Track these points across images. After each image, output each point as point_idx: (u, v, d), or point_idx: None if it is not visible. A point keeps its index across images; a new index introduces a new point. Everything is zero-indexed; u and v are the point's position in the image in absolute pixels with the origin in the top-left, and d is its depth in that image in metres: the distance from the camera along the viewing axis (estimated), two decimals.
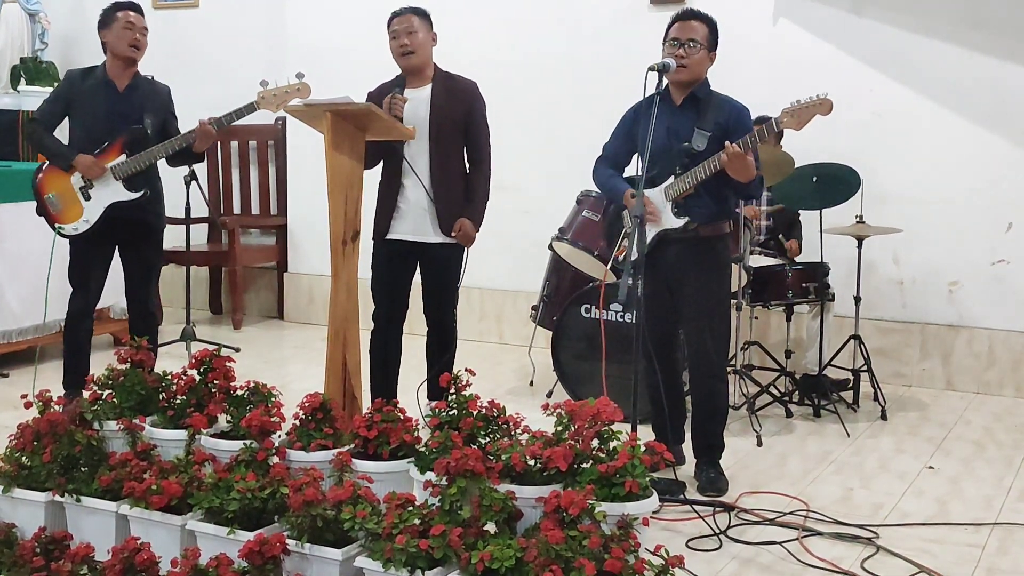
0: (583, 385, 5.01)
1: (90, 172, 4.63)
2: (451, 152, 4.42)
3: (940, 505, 3.98)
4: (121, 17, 4.71)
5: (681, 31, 3.98)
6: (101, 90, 4.72)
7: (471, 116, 4.46)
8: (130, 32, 4.69)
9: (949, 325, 5.83)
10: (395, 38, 4.39)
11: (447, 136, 4.38)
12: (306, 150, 6.79)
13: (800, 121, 3.83)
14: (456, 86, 4.46)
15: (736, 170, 3.83)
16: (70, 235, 4.71)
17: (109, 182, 4.65)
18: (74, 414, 3.51)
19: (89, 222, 4.67)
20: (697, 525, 3.66)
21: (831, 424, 4.99)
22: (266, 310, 7.79)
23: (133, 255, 4.84)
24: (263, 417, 3.36)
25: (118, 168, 4.64)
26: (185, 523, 3.12)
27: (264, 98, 4.57)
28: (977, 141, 5.69)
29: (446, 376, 3.37)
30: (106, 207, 4.66)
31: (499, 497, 2.88)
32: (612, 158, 4.22)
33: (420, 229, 4.41)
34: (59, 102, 4.82)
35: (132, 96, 4.74)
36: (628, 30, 6.22)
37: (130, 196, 4.67)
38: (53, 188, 4.71)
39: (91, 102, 4.71)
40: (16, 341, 5.83)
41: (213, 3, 7.81)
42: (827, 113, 3.81)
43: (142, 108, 4.73)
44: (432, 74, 4.45)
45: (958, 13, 5.68)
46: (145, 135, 4.69)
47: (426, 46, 4.41)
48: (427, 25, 4.43)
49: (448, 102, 4.40)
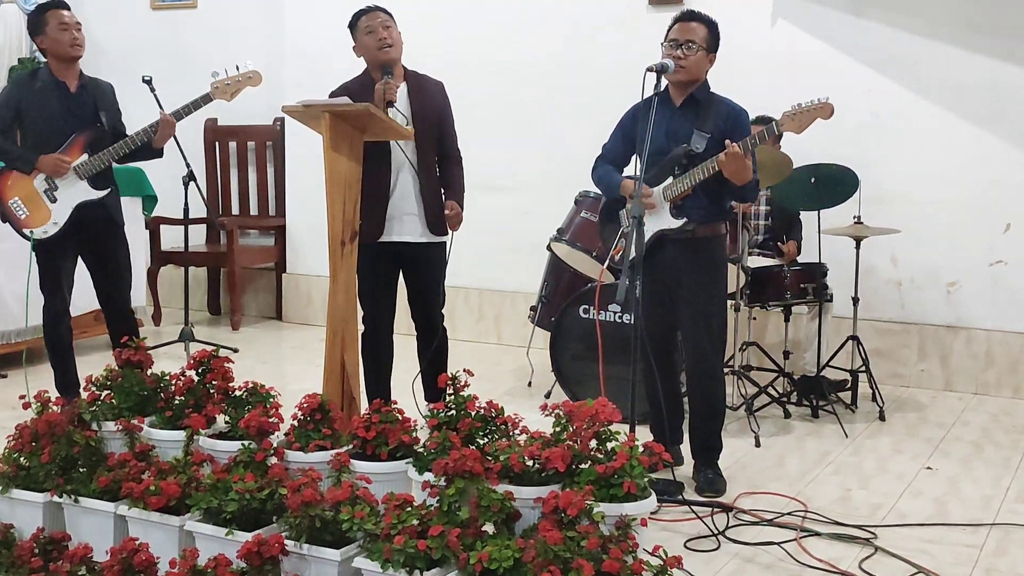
0: (581, 386, 5.01)
1: (56, 171, 4.60)
2: (430, 150, 4.46)
3: (938, 506, 3.98)
4: (52, 18, 4.66)
5: (680, 32, 3.98)
6: (53, 92, 4.68)
7: (443, 117, 4.50)
8: (67, 32, 4.66)
9: (947, 326, 5.84)
10: (371, 32, 4.38)
11: (427, 134, 4.40)
12: (304, 151, 6.79)
13: (801, 125, 3.83)
14: (428, 86, 4.50)
15: (732, 172, 3.84)
16: (40, 239, 4.66)
17: (74, 182, 4.63)
18: (72, 415, 3.51)
19: (58, 224, 4.65)
20: (695, 525, 3.66)
21: (829, 425, 4.99)
22: (264, 311, 7.79)
23: (102, 255, 4.81)
24: (261, 418, 3.36)
25: (82, 167, 4.63)
26: (183, 524, 3.12)
27: (217, 88, 4.67)
28: (975, 142, 5.69)
29: (444, 377, 3.37)
30: (74, 207, 4.64)
31: (497, 498, 2.87)
32: (610, 157, 4.23)
33: (408, 230, 4.41)
34: (9, 107, 4.71)
35: (84, 95, 4.73)
36: (626, 31, 6.23)
37: (97, 194, 4.67)
38: (16, 193, 4.66)
39: (44, 104, 4.66)
40: (15, 342, 5.82)
41: (211, 4, 7.81)
42: (828, 117, 3.81)
43: (95, 107, 4.72)
44: (404, 73, 4.47)
45: (957, 14, 5.69)
46: (103, 133, 4.68)
47: (399, 42, 4.44)
48: (395, 22, 4.46)
49: (424, 101, 4.43)
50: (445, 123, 4.51)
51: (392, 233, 4.41)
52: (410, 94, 4.41)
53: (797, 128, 3.84)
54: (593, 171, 4.27)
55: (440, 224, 4.45)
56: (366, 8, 4.46)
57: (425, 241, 4.44)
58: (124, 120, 4.88)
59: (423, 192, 4.39)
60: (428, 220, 4.41)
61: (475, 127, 4.69)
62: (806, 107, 3.80)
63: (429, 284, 4.52)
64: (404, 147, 4.37)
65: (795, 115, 3.82)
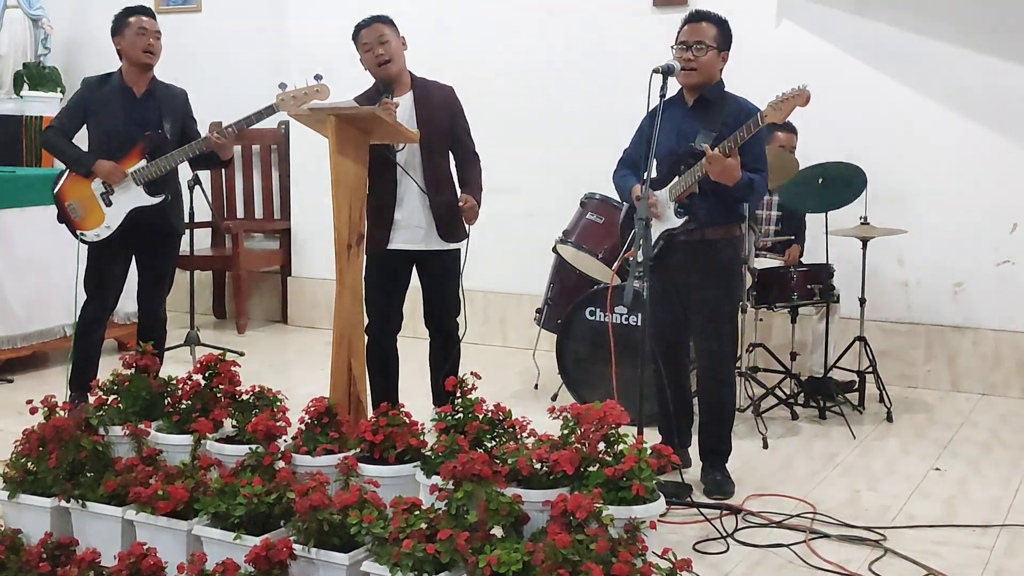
0: (588, 388, 5.01)
1: (111, 177, 4.63)
2: (441, 158, 4.43)
3: (947, 507, 3.97)
4: (133, 23, 4.70)
5: (689, 33, 3.97)
6: (119, 97, 4.71)
7: (455, 121, 4.48)
8: (143, 38, 4.69)
9: (954, 326, 5.82)
10: (368, 50, 4.36)
11: (436, 142, 4.38)
12: (309, 154, 6.80)
13: (782, 113, 3.84)
14: (436, 92, 4.46)
15: (716, 174, 3.81)
16: (92, 241, 4.70)
17: (130, 187, 4.65)
18: (79, 419, 3.51)
19: (111, 228, 4.67)
20: (704, 528, 3.65)
21: (837, 426, 4.98)
22: (270, 314, 7.79)
23: (150, 260, 4.84)
24: (269, 422, 3.36)
25: (139, 173, 4.64)
26: (191, 528, 3.11)
27: (283, 100, 4.54)
28: (982, 142, 5.68)
29: (451, 380, 3.37)
30: (127, 212, 4.66)
31: (506, 501, 2.86)
32: (628, 161, 4.22)
33: (419, 238, 4.40)
34: (77, 110, 4.80)
35: (150, 102, 4.75)
36: (631, 32, 6.22)
37: (151, 201, 4.67)
38: (74, 195, 4.71)
39: (109, 109, 4.70)
40: (20, 347, 5.82)
41: (215, 7, 7.82)
42: (805, 104, 3.81)
43: (160, 113, 4.73)
44: (410, 81, 4.44)
45: (963, 14, 5.67)
46: (165, 140, 4.69)
47: (400, 53, 4.40)
48: (395, 31, 4.42)
49: (432, 109, 4.40)
50: (457, 127, 4.48)
51: (399, 241, 4.40)
52: (416, 102, 4.39)
53: (779, 117, 3.86)
54: (613, 175, 4.27)
55: (451, 230, 4.42)
56: (364, 22, 4.42)
57: (435, 248, 4.42)
58: None
59: (431, 198, 4.37)
60: (437, 227, 4.39)
61: (480, 129, 4.68)
62: (785, 95, 3.81)
63: (440, 291, 4.50)
64: (410, 157, 4.34)
65: (776, 104, 3.83)
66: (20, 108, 7.87)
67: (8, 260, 5.70)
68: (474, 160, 4.54)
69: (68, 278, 4.87)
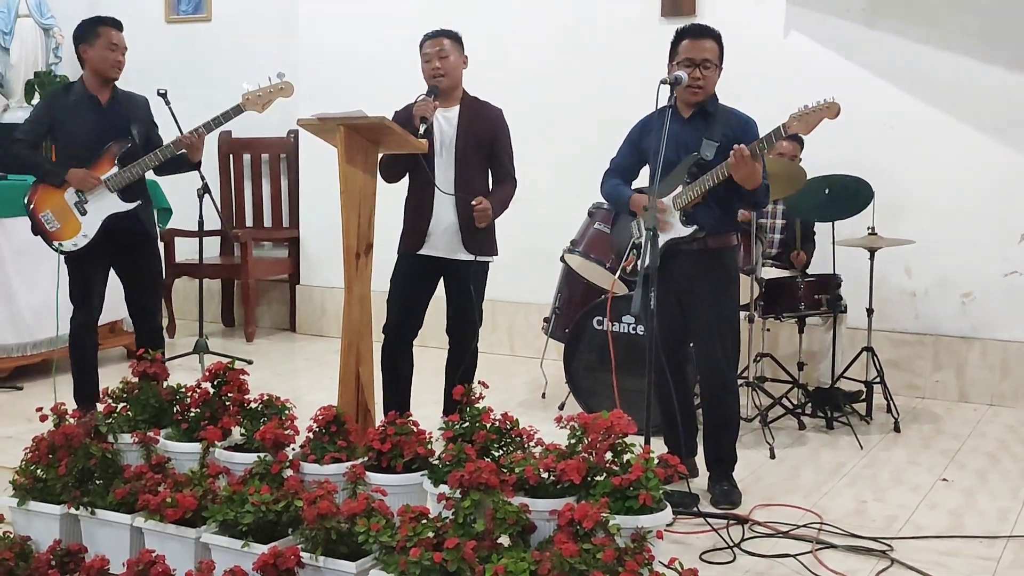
0: (595, 397, 5.01)
1: (84, 185, 4.62)
2: (476, 173, 4.44)
3: (954, 518, 3.97)
4: (104, 36, 4.69)
5: (695, 51, 3.98)
6: (85, 105, 4.71)
7: (497, 141, 4.50)
8: (113, 53, 4.70)
9: (962, 336, 5.82)
10: (427, 61, 4.41)
11: (473, 158, 4.40)
12: (318, 162, 6.81)
13: (808, 125, 3.84)
14: (483, 111, 4.49)
15: (743, 176, 3.83)
16: (69, 251, 4.69)
17: (104, 195, 4.66)
18: (89, 427, 3.53)
19: (88, 236, 4.67)
20: (711, 538, 3.65)
21: (844, 436, 4.97)
22: (278, 322, 7.81)
23: (134, 266, 4.83)
24: (277, 430, 3.38)
25: (112, 180, 4.65)
26: (199, 536, 3.13)
27: (249, 99, 4.63)
28: (989, 152, 5.68)
29: (459, 388, 3.38)
30: (103, 219, 4.67)
31: (513, 510, 2.88)
32: (620, 171, 4.24)
33: (450, 248, 4.42)
34: (42, 122, 4.76)
35: (116, 109, 4.76)
36: (639, 42, 6.23)
37: (127, 207, 4.68)
38: (47, 206, 4.69)
39: (76, 118, 4.69)
40: (31, 354, 5.85)
41: (226, 17, 7.86)
42: (834, 117, 3.81)
43: (127, 120, 4.75)
44: (461, 97, 4.48)
45: (970, 24, 5.68)
46: (134, 146, 4.71)
47: (457, 69, 4.44)
48: (458, 48, 4.47)
49: (475, 126, 4.42)
50: (497, 148, 4.49)
51: (430, 247, 4.42)
52: (460, 115, 4.42)
53: (805, 128, 3.85)
54: (602, 185, 4.28)
55: (480, 243, 4.43)
56: (431, 33, 4.47)
57: (463, 259, 4.43)
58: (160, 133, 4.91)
59: (460, 213, 4.38)
60: (466, 240, 4.40)
61: None
62: (813, 107, 3.81)
63: (462, 302, 4.48)
64: (445, 168, 4.37)
65: (802, 115, 3.82)
66: None
67: (19, 267, 5.73)
68: (509, 180, 4.55)
69: None
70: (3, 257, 5.68)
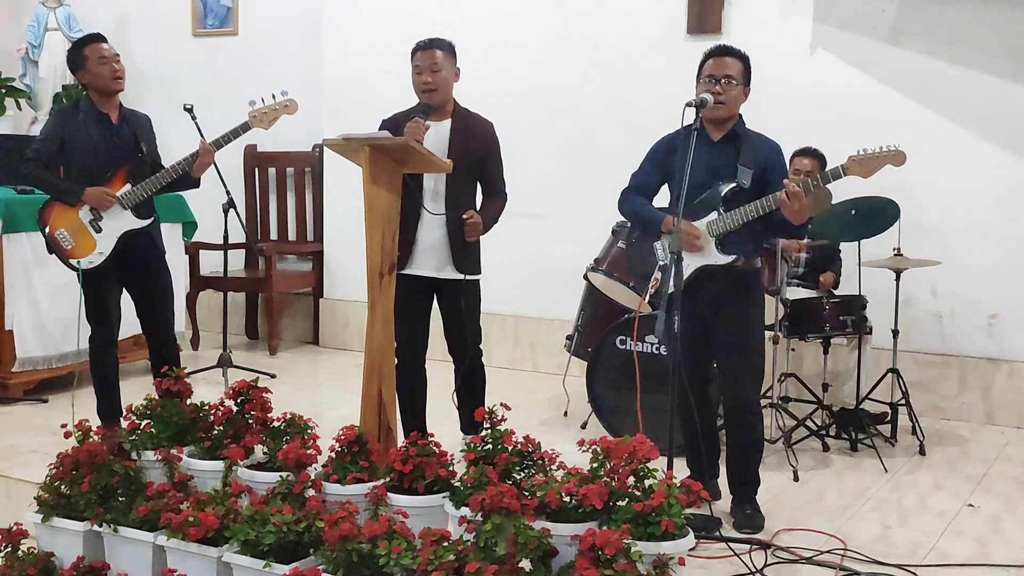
0: (618, 416, 4.99)
1: (102, 203, 4.65)
2: (466, 188, 4.43)
3: (980, 545, 3.92)
4: (91, 53, 4.71)
5: (717, 68, 3.98)
6: (95, 123, 4.72)
7: (488, 155, 4.47)
8: (107, 65, 4.71)
9: (988, 358, 5.77)
10: (419, 73, 4.37)
11: (464, 173, 4.36)
12: (343, 177, 6.82)
13: (869, 170, 3.79)
14: (475, 125, 4.46)
15: (793, 212, 3.81)
16: (86, 269, 4.71)
17: (118, 212, 4.69)
18: (113, 444, 3.55)
19: (104, 254, 4.70)
20: (733, 563, 3.63)
21: (868, 459, 4.93)
22: (302, 336, 7.83)
23: (145, 282, 4.85)
24: (299, 450, 3.39)
25: (126, 197, 4.68)
26: (221, 555, 3.14)
27: (255, 116, 4.71)
28: (1016, 172, 5.63)
29: (481, 411, 3.37)
30: (119, 236, 4.70)
31: (534, 535, 2.87)
32: (641, 189, 4.22)
33: (437, 265, 4.41)
34: (53, 139, 4.76)
35: (126, 126, 4.79)
36: (664, 60, 6.22)
37: (141, 223, 4.72)
38: (62, 224, 4.72)
39: (87, 136, 4.70)
40: (56, 367, 5.89)
41: (252, 31, 7.90)
42: (900, 165, 3.76)
43: (136, 137, 4.78)
44: (452, 110, 4.44)
45: (996, 44, 5.64)
46: (145, 163, 4.75)
47: (448, 82, 4.40)
48: (451, 60, 4.41)
49: (467, 140, 4.40)
50: (488, 162, 4.48)
51: (416, 266, 4.40)
52: (452, 130, 4.41)
53: (865, 173, 3.80)
54: (622, 203, 4.25)
55: (469, 262, 4.42)
56: (423, 43, 4.42)
57: (455, 278, 4.41)
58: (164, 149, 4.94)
59: (449, 228, 4.37)
60: (456, 259, 4.39)
61: (511, 154, 4.70)
62: (876, 153, 3.76)
63: (462, 321, 4.46)
64: (435, 184, 4.35)
65: (863, 160, 3.77)
66: None
67: (43, 281, 5.77)
68: (499, 195, 4.54)
69: None
70: (29, 270, 5.72)
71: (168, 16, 8.04)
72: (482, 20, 6.73)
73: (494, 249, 4.66)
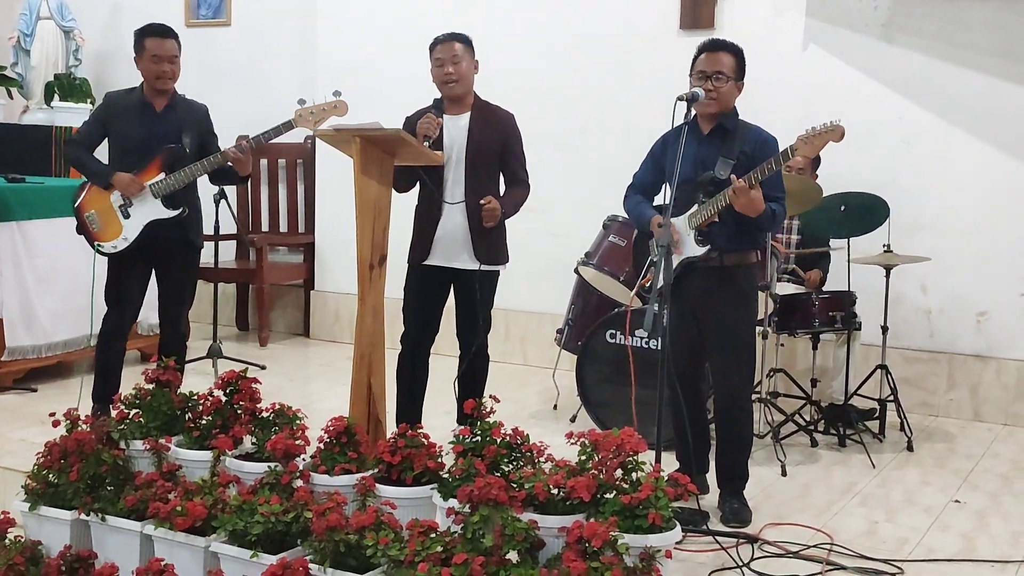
0: (607, 410, 5.01)
1: (128, 190, 4.67)
2: (487, 180, 4.42)
3: (966, 541, 3.94)
4: (148, 49, 4.72)
5: (708, 63, 3.98)
6: (138, 111, 4.75)
7: (507, 147, 4.46)
8: (156, 66, 4.72)
9: (977, 355, 5.79)
10: (440, 66, 4.36)
11: (483, 165, 4.37)
12: (335, 169, 6.82)
13: (814, 148, 3.82)
14: (494, 117, 4.46)
15: (743, 206, 3.82)
16: (108, 253, 4.75)
17: (148, 200, 4.69)
18: (101, 433, 3.54)
19: (128, 240, 4.71)
20: (720, 556, 3.64)
21: (856, 454, 4.95)
22: (292, 327, 7.83)
23: (168, 274, 4.87)
24: (288, 440, 3.39)
25: (157, 186, 4.68)
26: (209, 545, 3.14)
27: (302, 116, 4.58)
28: (1007, 170, 5.65)
29: (471, 403, 3.38)
30: (144, 225, 4.70)
31: (522, 526, 2.88)
32: (641, 187, 4.23)
33: (457, 256, 4.40)
34: (98, 123, 4.84)
35: (169, 116, 4.78)
36: (657, 55, 6.23)
37: (168, 214, 4.71)
38: (93, 206, 4.76)
39: (129, 123, 4.74)
40: (46, 356, 5.88)
41: (245, 21, 7.89)
42: (839, 140, 3.78)
43: (179, 128, 4.76)
44: (472, 102, 4.45)
45: (988, 41, 5.66)
46: (183, 154, 4.73)
47: (469, 75, 4.40)
48: (470, 53, 4.42)
49: (486, 132, 4.39)
50: (508, 153, 4.46)
51: (437, 257, 4.41)
52: (472, 122, 4.39)
53: (811, 151, 3.84)
54: (625, 201, 4.27)
55: (489, 252, 4.41)
56: (442, 36, 4.41)
57: (471, 268, 4.40)
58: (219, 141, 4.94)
59: (471, 220, 4.36)
60: (476, 248, 4.38)
61: None
62: (818, 130, 3.79)
63: (477, 311, 4.45)
64: (455, 176, 4.36)
65: (808, 139, 3.81)
66: (50, 119, 7.95)
67: (34, 270, 5.75)
68: (521, 185, 4.53)
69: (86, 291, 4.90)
70: (20, 259, 5.70)
71: (161, 6, 7.99)
72: (473, 14, 6.71)
73: None
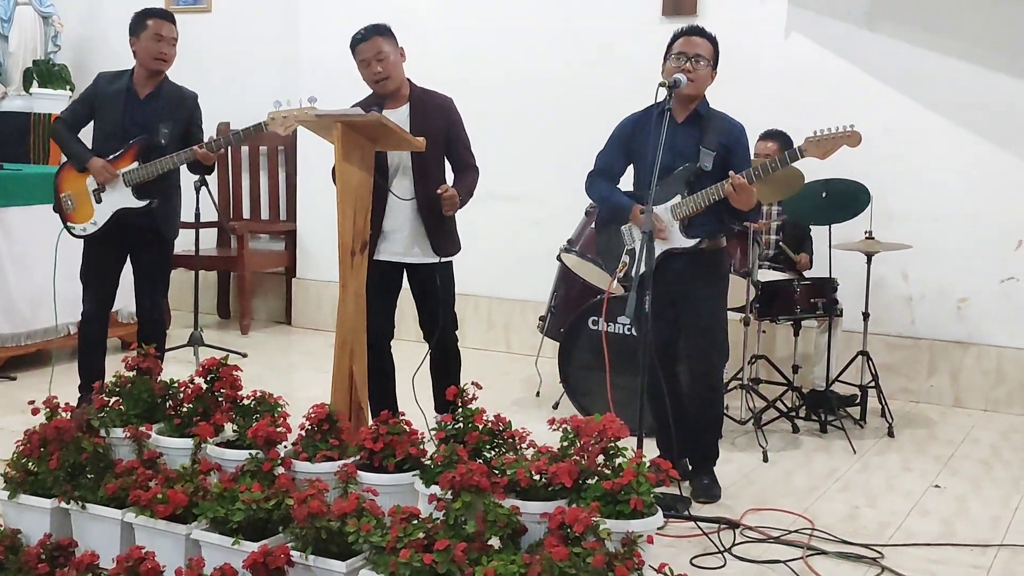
0: (590, 396, 5.02)
1: (100, 176, 4.66)
2: (433, 170, 4.37)
3: (946, 525, 3.97)
4: (151, 27, 4.69)
5: (687, 46, 3.99)
6: (122, 96, 4.73)
7: (451, 133, 4.40)
8: (156, 45, 4.69)
9: (957, 342, 5.82)
10: (367, 66, 4.29)
11: (429, 153, 4.27)
12: (316, 156, 6.79)
13: (825, 151, 3.82)
14: (433, 104, 4.40)
15: (740, 201, 3.86)
16: (79, 235, 4.77)
17: (119, 188, 4.67)
18: (81, 421, 3.52)
19: (96, 224, 4.71)
20: (702, 542, 3.65)
21: (838, 440, 4.97)
22: (274, 315, 7.80)
23: (140, 262, 4.87)
24: (269, 427, 3.37)
25: (129, 175, 4.66)
26: (190, 532, 3.12)
27: (274, 119, 4.50)
28: (988, 158, 5.68)
29: (453, 389, 3.37)
30: (113, 212, 4.69)
31: (504, 512, 2.87)
32: (607, 171, 4.22)
33: (407, 250, 4.37)
34: (84, 104, 4.83)
35: (151, 104, 4.74)
36: (639, 41, 6.21)
37: (137, 204, 4.68)
38: (69, 187, 4.77)
39: (111, 108, 4.72)
40: (25, 344, 5.84)
41: (226, 8, 7.83)
42: (855, 145, 3.79)
43: (159, 117, 4.73)
44: (408, 93, 4.38)
45: (971, 30, 5.68)
46: (159, 144, 4.69)
47: (398, 67, 4.33)
48: (393, 43, 4.34)
49: (427, 122, 4.33)
50: (453, 139, 4.41)
51: (385, 251, 4.37)
52: (411, 113, 4.34)
53: (821, 154, 3.83)
54: (589, 187, 4.26)
55: (440, 243, 4.37)
56: (361, 34, 4.32)
57: (427, 262, 4.38)
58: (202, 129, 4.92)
59: (421, 211, 4.32)
60: (434, 242, 4.35)
61: (486, 136, 4.69)
62: (832, 133, 3.77)
63: (435, 304, 4.42)
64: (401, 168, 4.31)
65: (819, 140, 3.79)
66: (29, 105, 7.89)
67: (13, 257, 5.72)
68: (470, 169, 4.46)
69: (73, 276, 4.89)
70: None
71: None
72: (456, 2, 6.69)
73: (468, 231, 4.63)
